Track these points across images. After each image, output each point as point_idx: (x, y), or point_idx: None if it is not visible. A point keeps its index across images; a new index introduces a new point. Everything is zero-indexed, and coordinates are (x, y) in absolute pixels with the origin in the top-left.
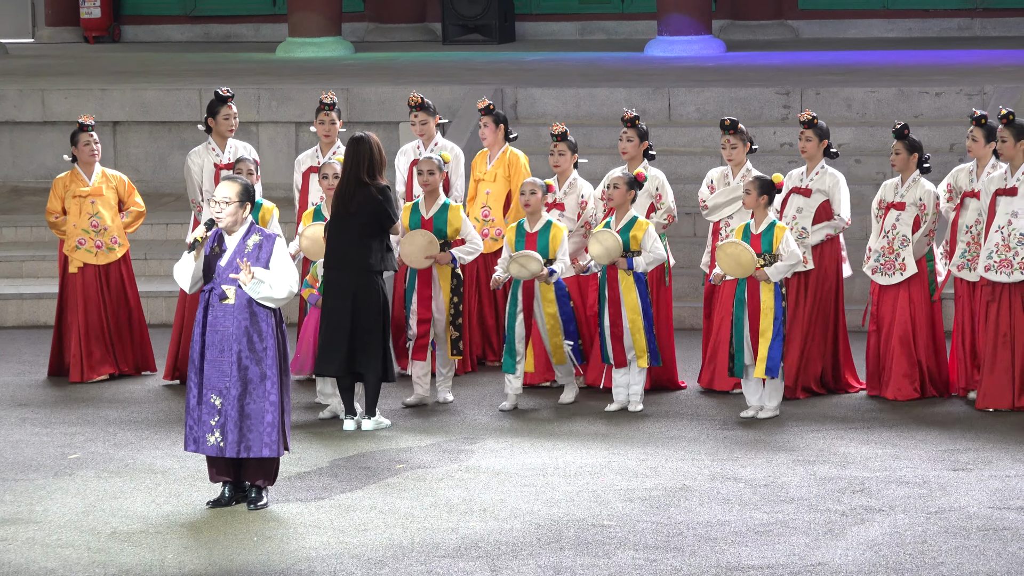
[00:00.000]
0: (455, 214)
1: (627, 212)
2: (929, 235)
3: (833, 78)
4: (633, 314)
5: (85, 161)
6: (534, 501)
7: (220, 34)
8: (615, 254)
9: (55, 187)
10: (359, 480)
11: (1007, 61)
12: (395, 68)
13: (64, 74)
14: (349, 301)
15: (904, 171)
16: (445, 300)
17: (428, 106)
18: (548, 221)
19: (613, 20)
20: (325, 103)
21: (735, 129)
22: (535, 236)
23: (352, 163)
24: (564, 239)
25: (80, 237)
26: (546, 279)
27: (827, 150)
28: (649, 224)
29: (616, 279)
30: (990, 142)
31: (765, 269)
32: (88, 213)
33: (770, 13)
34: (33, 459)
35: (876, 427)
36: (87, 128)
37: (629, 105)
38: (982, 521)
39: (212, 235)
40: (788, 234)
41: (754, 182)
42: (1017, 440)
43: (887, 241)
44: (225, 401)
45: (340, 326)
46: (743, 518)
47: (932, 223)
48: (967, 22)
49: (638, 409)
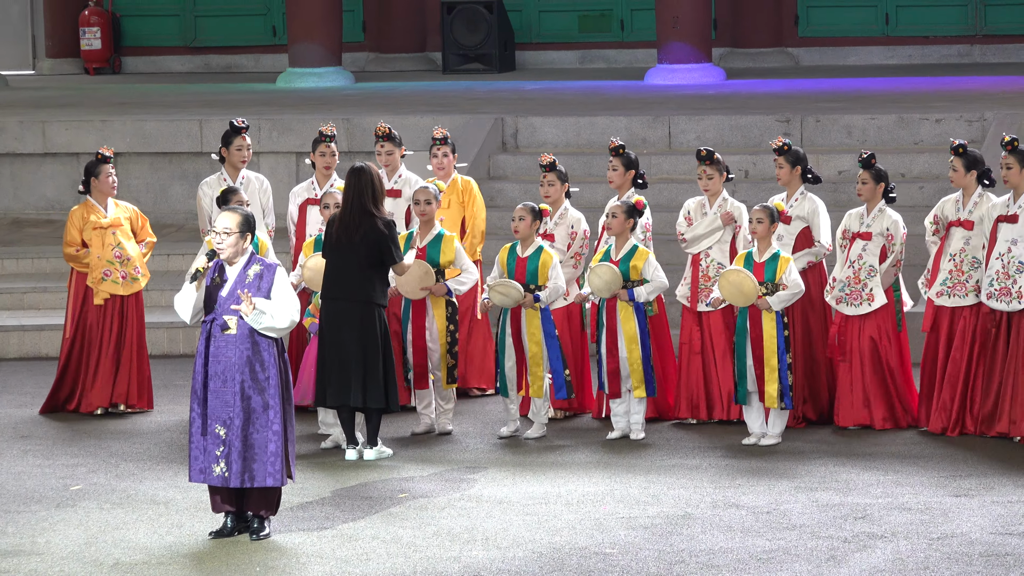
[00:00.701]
0: (449, 244)
1: (626, 241)
2: (896, 265)
3: (833, 105)
4: (631, 344)
5: (104, 192)
6: (536, 529)
7: (220, 65)
8: (615, 287)
9: (72, 219)
10: (361, 510)
11: (1007, 87)
12: (395, 98)
13: (65, 106)
14: (350, 332)
15: (870, 201)
16: (440, 329)
17: (395, 137)
18: (539, 246)
19: (613, 48)
20: (326, 135)
21: (711, 159)
22: (525, 260)
23: (355, 192)
24: (555, 264)
25: (106, 269)
26: (531, 305)
27: (805, 176)
28: (649, 253)
29: (615, 308)
30: (971, 171)
31: (767, 298)
32: (111, 244)
33: (770, 41)
34: (35, 491)
35: (878, 453)
36: (108, 160)
37: (630, 134)
38: (984, 547)
39: (213, 266)
40: (792, 264)
41: (764, 211)
42: (1019, 466)
43: (853, 271)
44: (229, 431)
45: (341, 357)
46: (745, 545)
47: (899, 253)
48: (967, 49)
49: (640, 437)
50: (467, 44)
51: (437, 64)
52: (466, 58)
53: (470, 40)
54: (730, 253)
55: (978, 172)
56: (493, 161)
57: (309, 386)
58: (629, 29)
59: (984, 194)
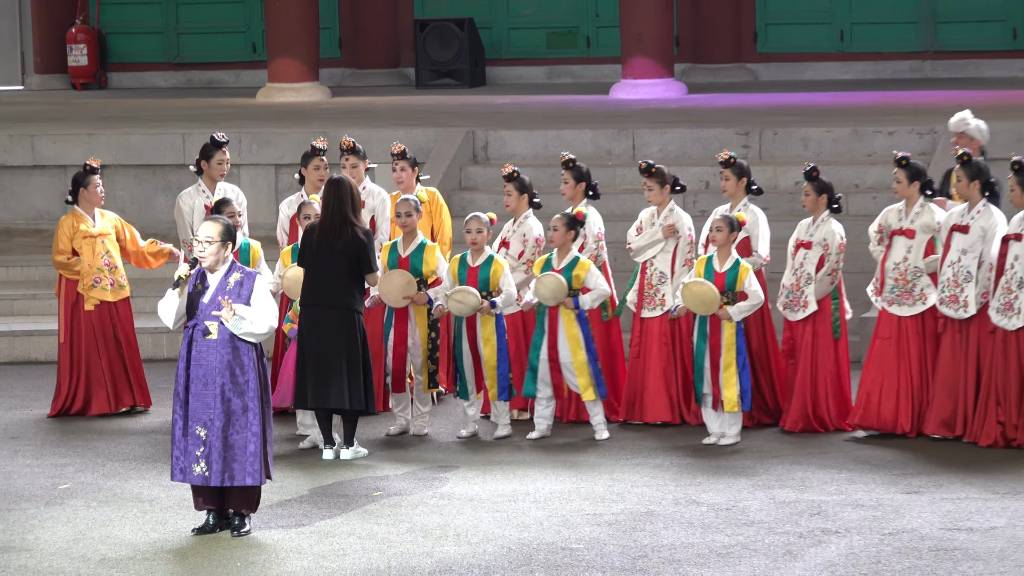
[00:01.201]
0: (431, 254)
1: (568, 252)
2: (831, 274)
3: (791, 119)
4: (575, 347)
5: (92, 203)
6: (506, 526)
7: (202, 80)
8: (561, 295)
9: (62, 228)
10: (338, 507)
11: (957, 101)
12: (371, 112)
13: (53, 120)
14: (331, 337)
15: (814, 211)
16: (422, 336)
17: (359, 151)
18: (490, 255)
19: (579, 64)
20: (319, 149)
21: (651, 172)
22: (476, 270)
23: (336, 202)
24: (506, 272)
25: (96, 276)
26: (487, 311)
27: (749, 188)
28: (590, 263)
29: (556, 314)
30: (913, 181)
31: (728, 308)
32: (101, 253)
33: (730, 56)
34: (25, 489)
35: (832, 452)
36: (95, 171)
37: (596, 146)
38: (933, 542)
39: (195, 273)
40: (751, 274)
41: (724, 220)
42: (966, 464)
43: (795, 278)
44: (210, 432)
45: (323, 361)
46: (706, 541)
47: (835, 263)
48: (918, 64)
49: (603, 437)
50: (439, 60)
51: (411, 79)
52: (438, 74)
53: (442, 56)
54: (671, 263)
55: (920, 183)
56: (464, 173)
57: (288, 389)
58: (595, 45)
59: (926, 204)
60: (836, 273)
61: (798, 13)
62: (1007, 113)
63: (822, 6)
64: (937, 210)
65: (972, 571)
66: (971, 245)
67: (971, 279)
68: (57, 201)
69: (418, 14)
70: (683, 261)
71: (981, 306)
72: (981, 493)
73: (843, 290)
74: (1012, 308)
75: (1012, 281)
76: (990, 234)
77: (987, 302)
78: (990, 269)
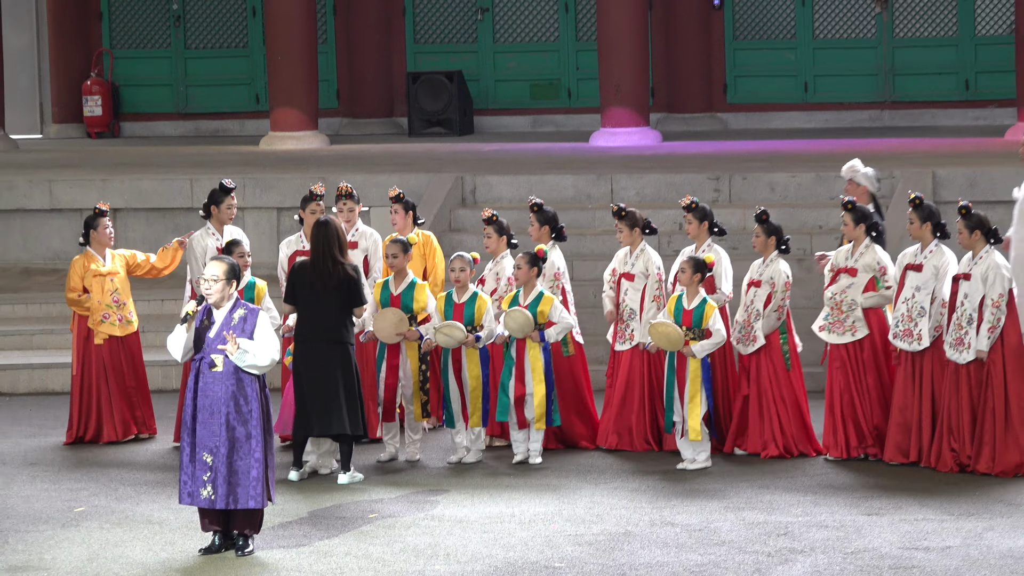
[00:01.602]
0: (421, 292)
1: (533, 288)
2: (778, 310)
3: (758, 164)
4: (538, 379)
5: (103, 243)
6: (492, 546)
7: (209, 129)
8: (528, 329)
9: (74, 267)
10: (335, 528)
11: (914, 148)
12: (367, 158)
13: (69, 166)
14: (325, 370)
15: (764, 251)
16: (413, 368)
17: (354, 195)
18: (474, 292)
19: (561, 114)
20: (316, 194)
21: (620, 215)
22: (462, 306)
23: (325, 243)
24: (489, 308)
25: (105, 312)
26: (473, 344)
27: (712, 230)
28: (554, 298)
29: (524, 347)
30: (859, 224)
31: (692, 346)
32: (110, 290)
33: (702, 106)
34: (43, 512)
35: (798, 476)
36: (104, 214)
37: (576, 190)
38: (893, 560)
39: (202, 309)
40: (716, 313)
41: (689, 262)
42: (924, 488)
43: (746, 315)
44: (215, 458)
45: (321, 392)
46: (680, 560)
47: (781, 300)
48: (877, 114)
49: (538, 462)
50: (430, 110)
51: (403, 128)
52: (430, 123)
53: (433, 107)
54: (640, 300)
55: (866, 225)
56: (454, 215)
57: (291, 418)
58: (576, 96)
59: (871, 245)
60: (783, 309)
61: (765, 66)
62: (960, 160)
63: (787, 59)
64: (880, 251)
65: None
66: (924, 282)
67: (924, 314)
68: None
69: (411, 67)
70: (652, 298)
71: (934, 339)
72: (937, 515)
73: (791, 324)
74: (963, 343)
75: (962, 318)
76: (942, 272)
77: (940, 335)
78: (942, 305)
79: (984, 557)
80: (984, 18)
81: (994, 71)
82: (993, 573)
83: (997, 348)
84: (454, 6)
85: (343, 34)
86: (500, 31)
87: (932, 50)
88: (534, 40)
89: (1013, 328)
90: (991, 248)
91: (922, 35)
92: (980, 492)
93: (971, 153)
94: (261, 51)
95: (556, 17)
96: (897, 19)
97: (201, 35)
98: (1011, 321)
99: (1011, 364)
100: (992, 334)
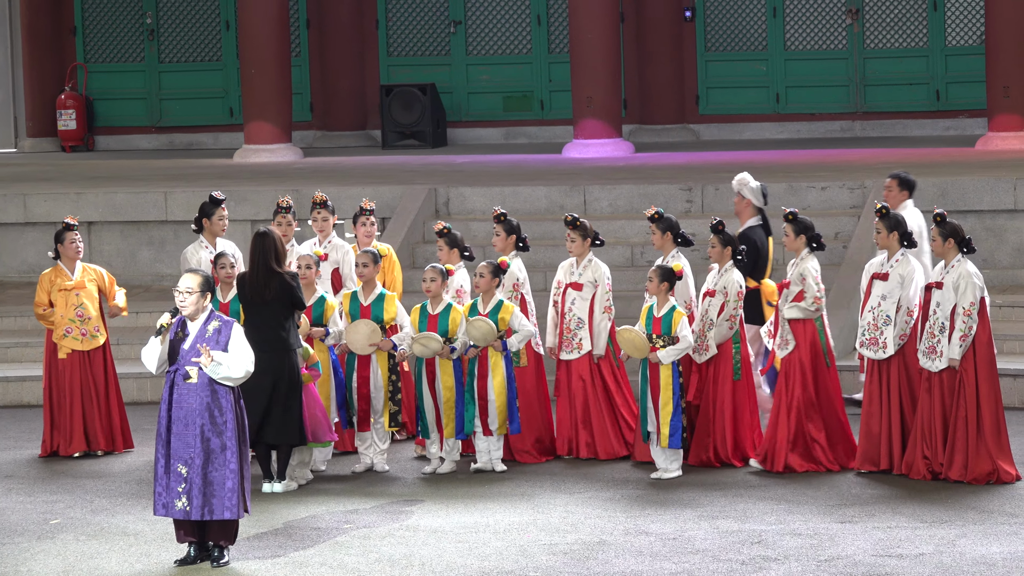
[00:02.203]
0: (391, 303)
1: (492, 297)
2: (730, 319)
3: (730, 175)
4: (500, 388)
5: (70, 257)
6: (467, 556)
7: (183, 142)
8: (491, 338)
9: (41, 282)
10: (311, 539)
11: (884, 159)
12: (340, 171)
13: (43, 180)
14: (269, 378)
15: (719, 262)
16: (384, 378)
17: (329, 205)
18: (448, 304)
19: (534, 126)
20: (282, 207)
21: (574, 225)
22: (436, 317)
23: (261, 255)
24: (462, 320)
25: (67, 327)
26: (447, 355)
27: (676, 240)
28: (514, 306)
29: (487, 356)
30: (799, 235)
31: (658, 352)
32: (73, 305)
33: (674, 118)
34: (18, 524)
35: (771, 485)
36: (72, 228)
37: (549, 201)
38: (866, 568)
39: (176, 322)
40: (684, 320)
41: (656, 271)
42: (896, 496)
43: (701, 324)
44: (190, 470)
45: (258, 401)
46: (654, 568)
47: (733, 309)
48: (848, 124)
49: (502, 469)
50: (404, 123)
51: (377, 141)
52: (403, 135)
53: (406, 119)
54: (589, 309)
55: (807, 236)
56: (427, 227)
57: (317, 426)
58: (548, 108)
59: (807, 256)
60: (734, 319)
61: (736, 77)
62: (930, 169)
63: (758, 71)
64: (811, 264)
65: None
66: (890, 291)
67: (890, 322)
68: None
69: (384, 80)
70: (602, 308)
71: (899, 347)
72: (910, 522)
73: (744, 334)
74: (935, 351)
75: (935, 326)
76: (907, 280)
77: (905, 344)
78: (908, 313)
79: (957, 564)
80: (954, 29)
81: (964, 81)
82: None
83: (969, 356)
84: (427, 19)
85: (316, 47)
86: (473, 44)
87: (903, 61)
88: (507, 53)
89: (984, 336)
90: (963, 257)
91: (893, 46)
92: (952, 499)
93: (942, 163)
94: (235, 65)
95: (528, 30)
96: (868, 30)
97: (175, 49)
98: (982, 330)
99: (983, 372)
100: (964, 342)
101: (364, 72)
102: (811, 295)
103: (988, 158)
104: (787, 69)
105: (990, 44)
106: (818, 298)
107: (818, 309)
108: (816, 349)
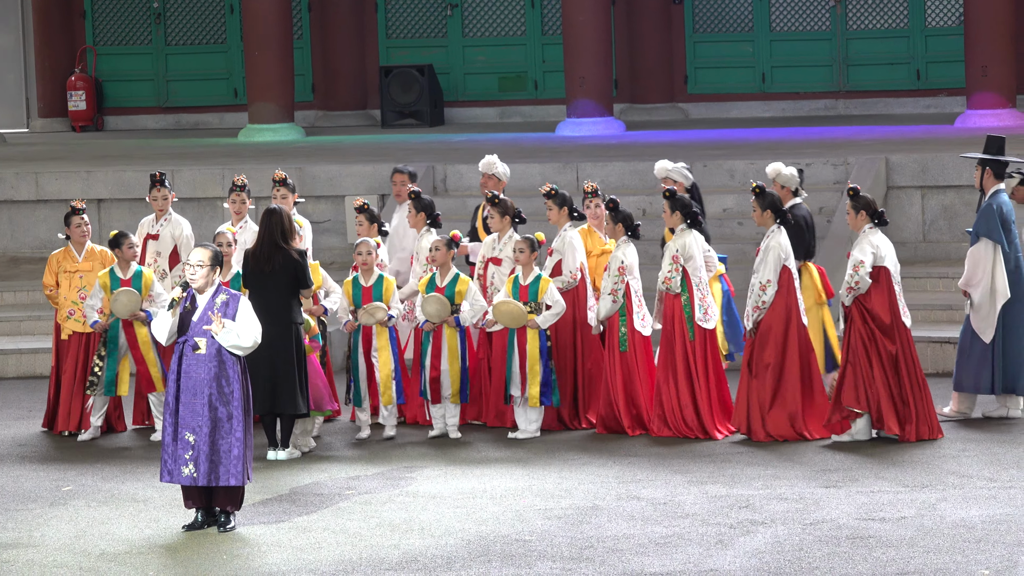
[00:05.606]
0: (389, 285)
1: (449, 271)
2: (611, 293)
3: (718, 152)
4: (453, 358)
5: (77, 240)
6: (465, 520)
7: (189, 122)
8: (445, 315)
9: (50, 263)
10: (314, 505)
11: (867, 136)
12: (341, 149)
13: (55, 159)
14: (274, 350)
15: (613, 236)
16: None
17: (290, 184)
18: (380, 275)
19: (528, 105)
20: (238, 185)
21: (494, 203)
22: (370, 289)
23: (267, 231)
24: (395, 291)
25: (70, 308)
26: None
27: (571, 215)
28: (470, 280)
29: (441, 329)
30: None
31: (536, 318)
32: (77, 287)
33: (663, 97)
34: (31, 491)
35: (758, 451)
36: (79, 212)
37: (543, 178)
38: (850, 531)
39: (187, 295)
40: (552, 286)
41: (525, 242)
42: (878, 461)
43: (595, 299)
44: (198, 438)
45: (262, 372)
46: (646, 532)
47: (614, 284)
48: (832, 103)
49: (457, 436)
50: (402, 102)
51: (376, 120)
52: (402, 114)
53: (405, 99)
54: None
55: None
56: None
57: (320, 395)
58: (542, 88)
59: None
60: (616, 293)
61: (724, 58)
62: (912, 146)
63: (745, 51)
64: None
65: (885, 556)
66: (756, 266)
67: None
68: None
69: (383, 61)
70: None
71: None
72: (892, 487)
73: (632, 307)
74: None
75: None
76: (764, 253)
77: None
78: (761, 288)
79: (937, 527)
80: (934, 10)
81: (944, 61)
82: (946, 542)
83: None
84: (424, 2)
85: (318, 30)
86: (469, 26)
87: (884, 41)
88: (502, 34)
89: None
90: (874, 227)
91: (874, 27)
92: (933, 464)
93: (923, 140)
94: (239, 47)
95: (523, 12)
96: (850, 12)
97: (181, 32)
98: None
99: None
100: (850, 294)
101: (364, 54)
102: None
103: (967, 135)
104: (773, 50)
105: (969, 25)
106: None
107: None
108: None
